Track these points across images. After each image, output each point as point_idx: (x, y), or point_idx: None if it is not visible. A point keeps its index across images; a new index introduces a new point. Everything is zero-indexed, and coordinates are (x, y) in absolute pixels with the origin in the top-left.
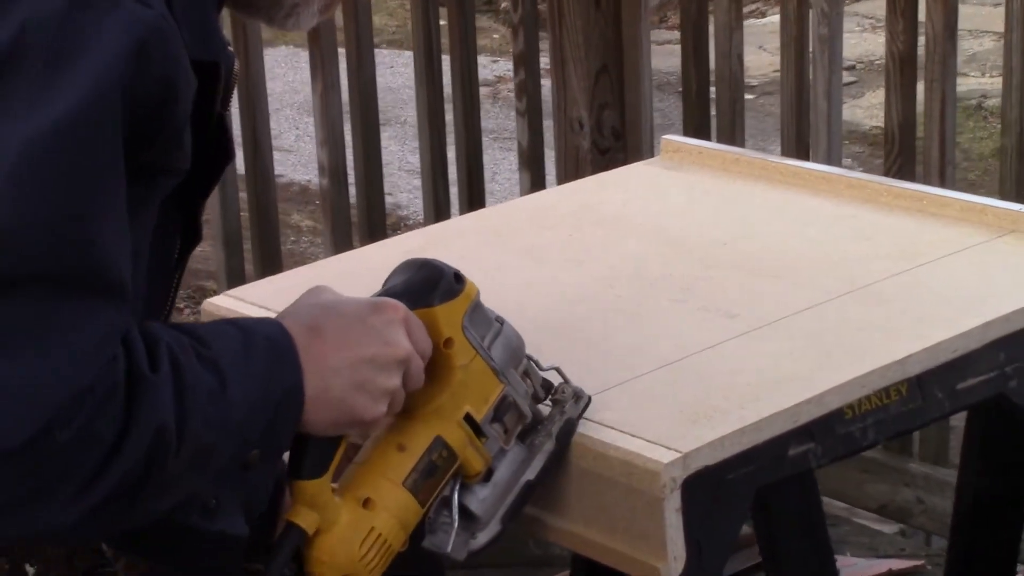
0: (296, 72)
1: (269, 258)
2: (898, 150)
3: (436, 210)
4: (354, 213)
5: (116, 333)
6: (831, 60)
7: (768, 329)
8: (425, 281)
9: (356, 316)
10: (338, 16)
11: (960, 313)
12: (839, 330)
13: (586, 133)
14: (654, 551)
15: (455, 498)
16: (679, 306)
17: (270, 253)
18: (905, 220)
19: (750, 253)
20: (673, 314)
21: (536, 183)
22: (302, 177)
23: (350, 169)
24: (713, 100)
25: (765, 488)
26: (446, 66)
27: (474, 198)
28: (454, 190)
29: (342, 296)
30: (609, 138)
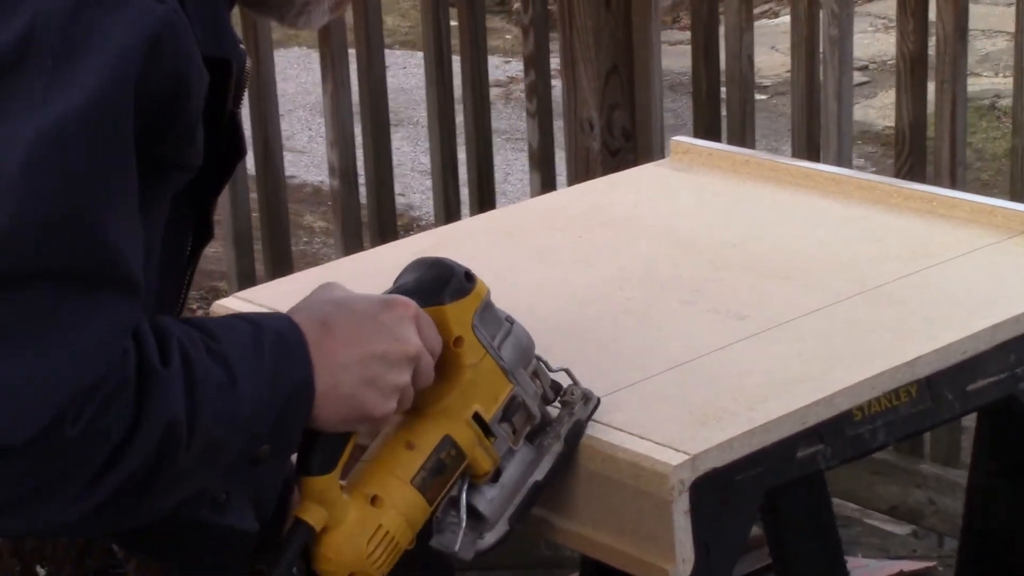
0: (309, 73)
1: (280, 259)
2: (908, 151)
3: (446, 211)
4: (365, 214)
5: (127, 328)
6: (841, 61)
7: (777, 330)
8: (436, 279)
9: (367, 312)
10: (348, 16)
11: (970, 314)
12: (849, 331)
13: (596, 134)
14: (662, 553)
15: (463, 498)
16: (688, 307)
17: (281, 254)
18: (915, 221)
19: (760, 254)
20: (682, 315)
21: (547, 184)
22: (315, 178)
23: (361, 170)
24: (724, 101)
25: (774, 490)
26: (457, 67)
27: (484, 199)
28: (466, 191)
29: (353, 293)
30: (619, 139)
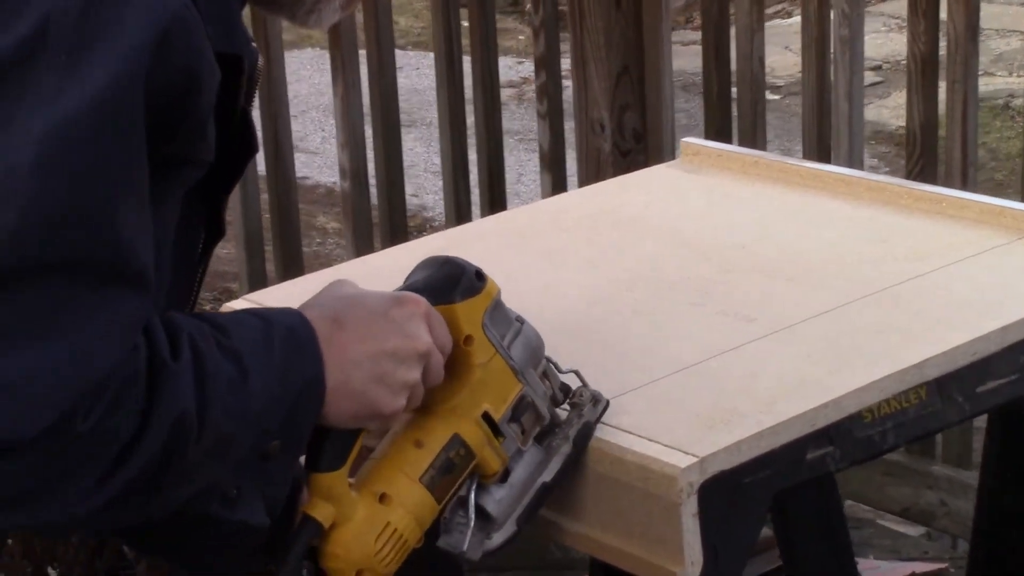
0: (322, 74)
1: (290, 260)
2: (920, 151)
3: (457, 212)
4: (376, 215)
5: (138, 323)
6: (852, 61)
7: (786, 332)
8: (447, 278)
9: (378, 309)
10: (359, 17)
11: (979, 316)
12: (857, 333)
13: (607, 135)
14: (671, 556)
15: (472, 498)
16: (697, 309)
17: (291, 255)
18: (924, 222)
19: (769, 256)
20: (691, 317)
21: (558, 185)
22: (328, 179)
23: (372, 171)
24: (735, 101)
25: (784, 492)
26: (468, 68)
27: (495, 200)
28: (478, 192)
29: (364, 290)
30: (630, 140)
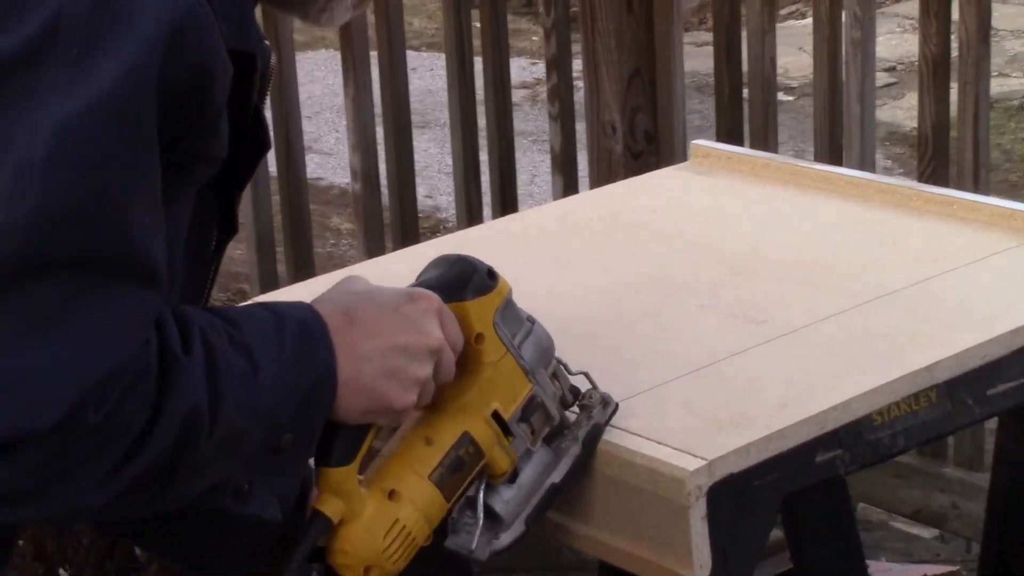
0: (336, 76)
1: (302, 261)
2: (932, 153)
3: (468, 213)
4: (388, 216)
5: (149, 318)
6: (864, 63)
7: (795, 335)
8: (459, 276)
9: (390, 304)
10: (371, 18)
11: (989, 319)
12: (867, 336)
13: (619, 137)
14: (679, 559)
15: (480, 497)
16: (706, 312)
17: (303, 256)
18: (935, 225)
19: (778, 259)
20: (700, 320)
21: (569, 187)
22: (342, 180)
23: (383, 173)
24: (747, 102)
25: (793, 494)
26: (479, 68)
27: (506, 201)
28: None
29: (376, 285)
30: (642, 142)
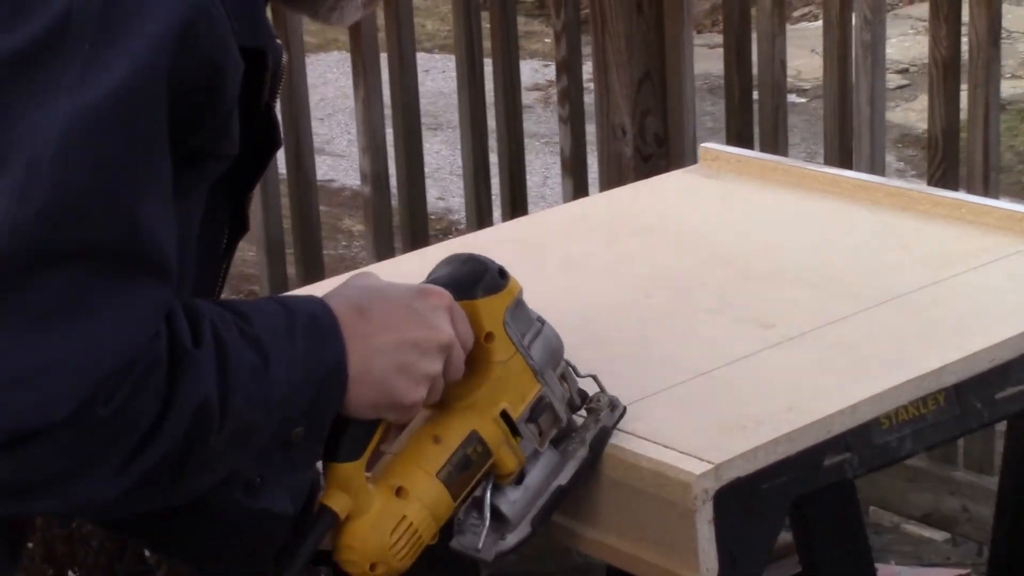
0: (348, 78)
1: (311, 263)
2: (942, 156)
3: (479, 215)
4: (398, 218)
5: (159, 311)
6: (874, 66)
7: (803, 339)
8: (470, 274)
9: (401, 300)
10: (380, 19)
11: (998, 322)
12: (875, 339)
13: (629, 139)
14: (686, 562)
15: (487, 498)
16: (714, 315)
17: (313, 258)
18: (943, 228)
19: (786, 262)
20: (708, 323)
21: (579, 189)
22: (354, 182)
23: (393, 175)
24: (757, 105)
25: (801, 498)
26: (489, 70)
27: (516, 203)
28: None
29: (387, 281)
30: (652, 144)
